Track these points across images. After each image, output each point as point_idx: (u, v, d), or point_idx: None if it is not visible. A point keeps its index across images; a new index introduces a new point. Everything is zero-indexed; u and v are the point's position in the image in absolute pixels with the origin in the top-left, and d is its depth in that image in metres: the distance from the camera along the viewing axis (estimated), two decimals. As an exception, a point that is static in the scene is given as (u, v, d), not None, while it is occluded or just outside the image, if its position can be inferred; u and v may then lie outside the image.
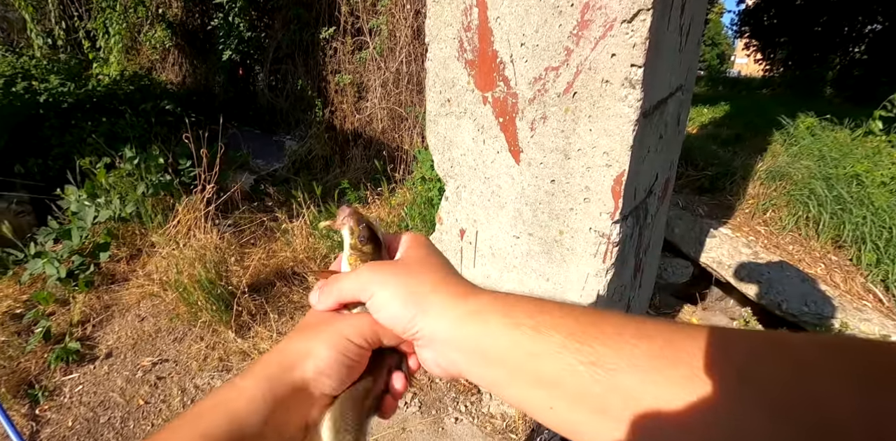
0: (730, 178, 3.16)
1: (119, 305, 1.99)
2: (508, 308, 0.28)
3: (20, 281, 2.32)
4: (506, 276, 1.32)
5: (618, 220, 1.10)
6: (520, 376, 0.26)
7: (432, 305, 0.30)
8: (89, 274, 2.18)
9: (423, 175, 2.31)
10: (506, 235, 1.27)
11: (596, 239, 1.12)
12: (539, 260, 1.23)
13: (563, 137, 1.09)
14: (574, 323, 0.25)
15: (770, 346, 0.21)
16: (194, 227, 2.12)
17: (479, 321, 0.28)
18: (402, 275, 0.32)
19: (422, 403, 1.38)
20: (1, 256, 2.48)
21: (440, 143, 1.33)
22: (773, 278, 2.23)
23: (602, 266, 1.14)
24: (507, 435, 1.33)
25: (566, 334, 0.25)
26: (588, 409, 0.24)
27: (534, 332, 0.26)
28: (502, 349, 0.26)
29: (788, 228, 2.62)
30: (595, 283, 1.16)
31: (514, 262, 1.27)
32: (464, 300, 0.30)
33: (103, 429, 1.52)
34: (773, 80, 11.51)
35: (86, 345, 1.84)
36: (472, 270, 1.38)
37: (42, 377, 1.78)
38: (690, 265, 2.44)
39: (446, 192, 1.40)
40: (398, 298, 0.31)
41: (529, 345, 0.25)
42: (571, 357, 0.24)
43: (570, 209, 1.14)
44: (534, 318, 0.26)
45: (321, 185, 2.39)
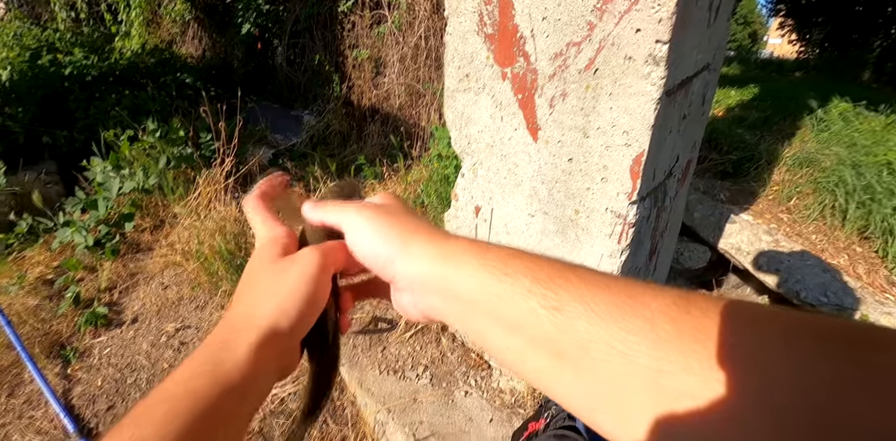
0: (754, 164, 3.08)
1: (144, 273, 2.07)
2: (483, 252, 0.28)
3: (51, 248, 2.41)
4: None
5: (635, 200, 1.09)
6: (488, 317, 0.26)
7: (412, 246, 0.30)
8: (115, 243, 2.26)
9: (440, 152, 2.30)
10: (521, 214, 1.27)
11: (612, 219, 1.12)
12: (553, 239, 1.23)
13: (583, 115, 1.08)
14: (543, 270, 0.26)
15: (731, 306, 0.21)
16: (214, 200, 2.16)
17: (454, 263, 0.28)
18: (385, 215, 0.32)
19: (433, 376, 1.42)
20: (32, 225, 2.58)
21: (457, 120, 1.32)
22: (793, 267, 2.19)
23: (617, 247, 1.14)
24: (516, 409, 1.37)
25: (533, 279, 0.25)
26: (547, 353, 0.24)
27: (503, 276, 0.26)
28: (473, 290, 0.27)
29: (813, 217, 2.56)
30: (609, 263, 1.16)
31: (529, 241, 1.28)
32: (442, 243, 0.30)
33: (130, 389, 1.61)
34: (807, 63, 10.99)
35: (113, 310, 1.93)
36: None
37: (73, 339, 1.87)
38: (708, 251, 2.41)
39: (462, 168, 1.40)
40: (380, 236, 0.31)
41: (498, 287, 0.26)
42: (535, 301, 0.24)
43: (586, 189, 1.14)
44: (505, 262, 0.27)
45: (338, 160, 2.41)
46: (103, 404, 1.61)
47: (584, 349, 0.22)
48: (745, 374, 0.18)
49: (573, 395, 0.24)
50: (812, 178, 2.71)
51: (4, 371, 1.85)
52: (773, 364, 0.18)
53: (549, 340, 0.24)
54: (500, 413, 1.35)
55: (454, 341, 1.53)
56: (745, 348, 0.19)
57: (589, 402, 0.23)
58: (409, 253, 0.30)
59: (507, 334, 0.26)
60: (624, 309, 0.22)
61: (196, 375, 0.26)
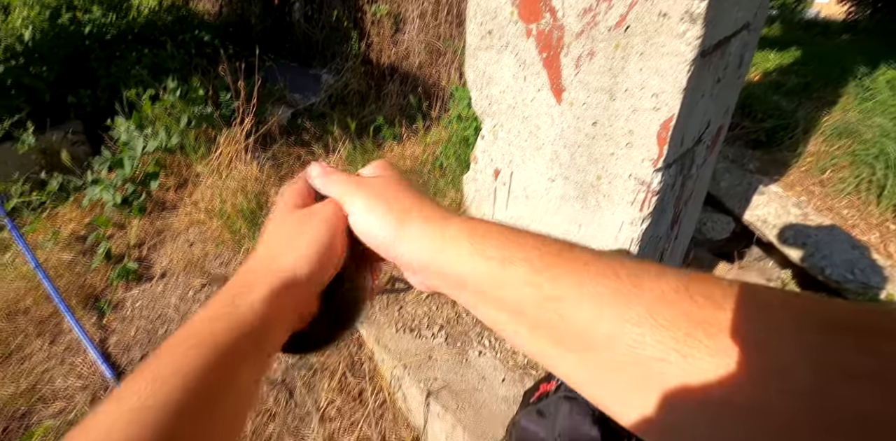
0: (789, 133, 2.94)
1: (170, 231, 2.14)
2: (480, 238, 0.28)
3: (81, 206, 2.49)
4: (538, 219, 1.32)
5: (660, 168, 1.06)
6: (490, 301, 0.27)
7: (409, 228, 0.30)
8: (142, 201, 2.32)
9: (460, 113, 2.26)
10: (541, 178, 1.25)
11: (635, 186, 1.09)
12: (573, 205, 1.22)
13: (610, 76, 1.03)
14: (544, 257, 0.25)
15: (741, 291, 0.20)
16: (235, 159, 2.19)
17: (453, 247, 0.28)
18: (381, 192, 0.32)
19: (448, 335, 1.46)
20: (62, 183, 2.66)
21: (478, 79, 1.28)
22: (820, 242, 2.14)
23: (638, 215, 1.12)
24: (528, 370, 1.41)
25: (532, 269, 0.25)
26: (548, 340, 0.24)
27: (502, 263, 0.26)
28: (474, 277, 0.27)
29: (847, 191, 2.46)
30: (629, 231, 1.15)
31: (548, 206, 1.27)
32: (440, 223, 0.30)
33: (161, 339, 1.70)
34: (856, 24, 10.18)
35: (142, 265, 2.01)
36: (505, 212, 1.39)
37: (106, 292, 1.97)
38: (732, 222, 2.36)
39: (482, 130, 1.37)
40: (377, 217, 0.31)
41: (497, 275, 0.26)
42: (535, 290, 0.24)
43: (610, 154, 1.11)
44: (505, 247, 0.27)
45: (356, 120, 2.38)
46: (137, 353, 1.71)
47: (586, 339, 0.22)
48: (756, 360, 0.18)
49: (575, 376, 0.24)
50: (850, 150, 2.58)
51: (45, 321, 1.97)
52: (784, 350, 0.17)
53: (552, 328, 0.24)
54: (513, 373, 1.39)
55: (469, 304, 1.56)
56: (756, 335, 0.18)
57: (590, 385, 0.24)
58: (407, 235, 0.30)
59: (509, 319, 0.26)
60: (629, 297, 0.22)
61: (215, 318, 0.27)
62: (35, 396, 1.66)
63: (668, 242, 1.41)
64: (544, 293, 0.24)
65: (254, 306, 0.28)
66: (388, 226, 0.31)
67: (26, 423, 1.59)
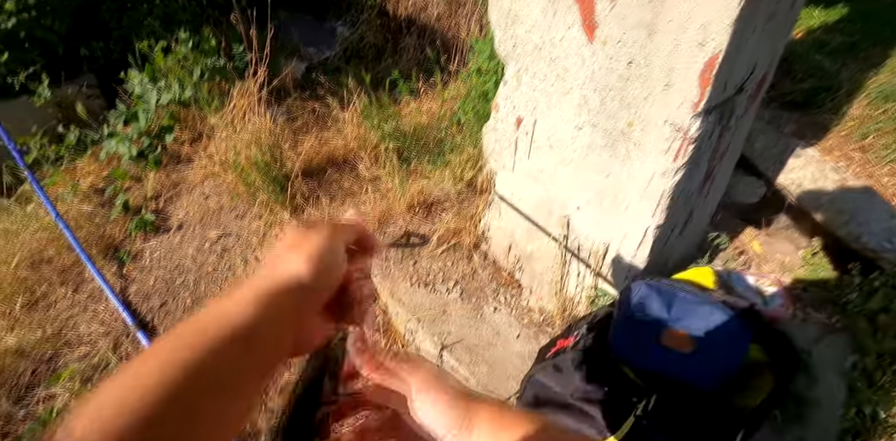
0: (831, 94, 2.76)
1: (186, 183, 2.13)
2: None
3: (99, 159, 2.50)
4: (561, 170, 1.25)
5: (700, 112, 0.98)
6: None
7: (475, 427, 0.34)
8: (157, 154, 2.31)
9: (479, 67, 2.15)
10: (567, 125, 1.18)
11: (670, 133, 1.01)
12: (601, 154, 1.14)
13: (650, 8, 0.93)
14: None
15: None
16: (249, 112, 2.14)
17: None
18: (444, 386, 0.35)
19: (463, 291, 1.44)
20: (80, 137, 2.67)
21: (503, 18, 1.18)
22: (857, 209, 2.03)
23: (671, 165, 1.05)
24: (544, 328, 1.38)
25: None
26: None
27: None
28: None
29: (890, 158, 2.32)
30: (660, 183, 1.08)
31: (573, 156, 1.20)
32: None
33: (179, 289, 1.73)
34: (914, -20, 9.38)
35: (159, 217, 2.02)
36: (527, 163, 1.32)
37: (125, 243, 1.99)
38: (763, 185, 2.25)
39: (505, 75, 1.28)
40: (445, 413, 0.34)
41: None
42: None
43: (644, 97, 1.02)
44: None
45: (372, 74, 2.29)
46: (157, 301, 1.74)
47: None
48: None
49: None
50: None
51: (68, 270, 2.01)
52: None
53: None
54: (528, 330, 1.37)
55: (485, 259, 1.53)
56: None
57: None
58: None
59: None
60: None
61: (205, 314, 0.29)
62: (61, 341, 1.71)
63: (699, 199, 1.33)
64: None
65: (240, 304, 0.29)
66: (456, 421, 0.33)
67: (53, 366, 1.65)
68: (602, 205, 1.20)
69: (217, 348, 0.27)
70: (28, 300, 1.91)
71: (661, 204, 1.09)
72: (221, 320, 0.28)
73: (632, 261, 1.20)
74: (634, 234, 1.16)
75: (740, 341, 0.96)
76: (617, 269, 1.24)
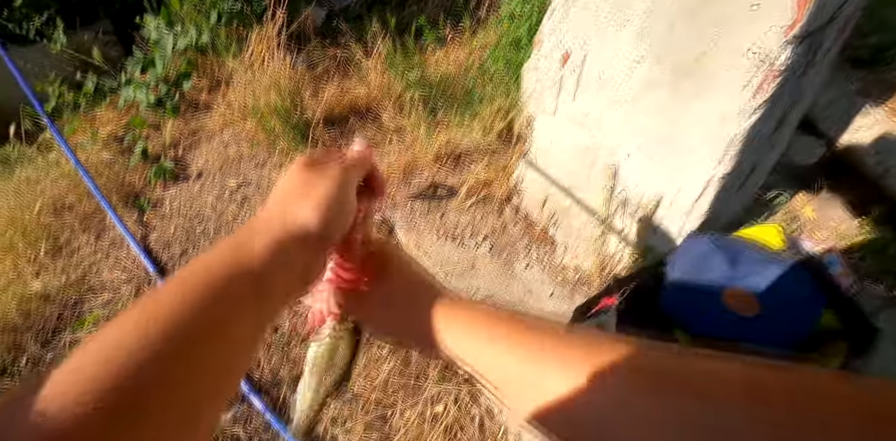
0: (901, 51, 2.48)
1: (204, 132, 2.06)
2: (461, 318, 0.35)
3: (117, 107, 2.45)
4: (610, 113, 1.11)
5: (791, 39, 0.83)
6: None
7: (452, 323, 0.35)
8: (175, 101, 2.23)
9: (513, 11, 1.96)
10: (623, 60, 1.03)
11: (753, 64, 0.87)
12: (661, 92, 1.00)
13: None
14: (496, 328, 0.34)
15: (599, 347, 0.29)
16: (268, 58, 2.03)
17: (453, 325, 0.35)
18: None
19: (493, 246, 1.35)
20: (98, 84, 2.61)
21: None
22: (926, 176, 1.84)
23: (749, 104, 0.90)
24: (579, 287, 1.29)
25: (488, 340, 0.33)
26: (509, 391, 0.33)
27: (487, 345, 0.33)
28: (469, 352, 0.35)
29: (964, 121, 2.08)
30: (733, 125, 0.93)
31: (627, 95, 1.06)
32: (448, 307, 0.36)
33: (199, 237, 1.68)
34: None
35: (179, 165, 1.96)
36: (571, 105, 1.19)
37: (145, 191, 1.95)
38: (823, 146, 2.05)
39: (551, 5, 1.13)
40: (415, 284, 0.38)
41: (486, 354, 0.34)
42: (489, 353, 0.33)
43: (725, 21, 0.87)
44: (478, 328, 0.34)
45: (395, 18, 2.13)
46: (177, 249, 1.70)
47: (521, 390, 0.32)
48: (600, 385, 0.27)
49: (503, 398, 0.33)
50: (980, 72, 2.14)
51: (90, 217, 1.99)
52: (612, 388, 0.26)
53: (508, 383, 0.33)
54: (562, 289, 1.28)
55: (517, 213, 1.43)
56: (601, 370, 0.27)
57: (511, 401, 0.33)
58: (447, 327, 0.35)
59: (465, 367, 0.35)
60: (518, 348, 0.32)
61: (214, 260, 0.27)
62: (85, 287, 1.71)
63: (766, 150, 1.18)
64: (503, 354, 0.33)
65: (254, 252, 0.28)
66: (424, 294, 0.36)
67: (78, 312, 1.65)
68: (657, 152, 1.07)
69: (225, 292, 0.26)
70: (52, 246, 1.91)
71: (730, 150, 0.95)
72: (231, 263, 0.27)
73: (686, 216, 1.08)
74: (693, 185, 1.03)
75: (813, 305, 0.86)
76: (667, 225, 1.13)
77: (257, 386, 1.31)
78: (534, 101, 1.29)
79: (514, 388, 0.32)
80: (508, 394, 0.33)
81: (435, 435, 1.22)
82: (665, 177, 1.08)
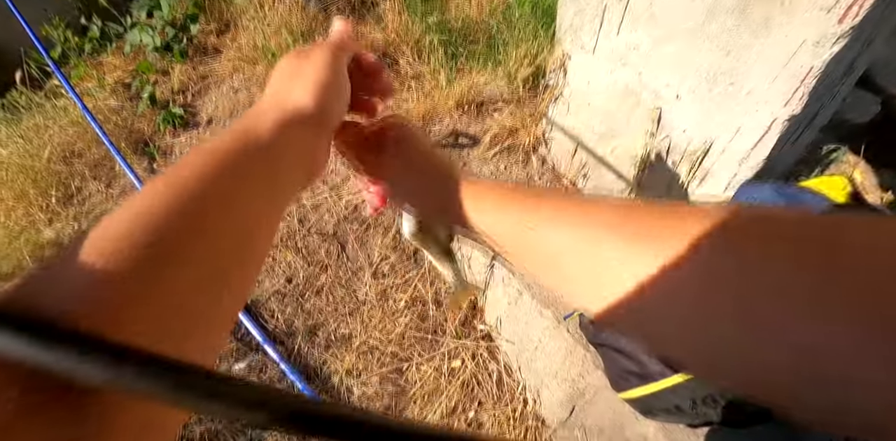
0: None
1: (214, 77, 1.96)
2: (492, 193, 0.33)
3: (124, 53, 2.36)
4: (661, 47, 0.99)
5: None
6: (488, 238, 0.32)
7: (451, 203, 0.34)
8: (183, 46, 2.13)
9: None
10: (684, -19, 0.89)
11: (842, -22, 0.73)
12: (725, 20, 0.87)
13: None
14: (532, 199, 0.31)
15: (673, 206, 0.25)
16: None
17: (480, 203, 0.33)
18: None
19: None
20: (104, 29, 2.51)
21: None
22: None
23: (835, 28, 0.77)
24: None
25: (521, 209, 0.30)
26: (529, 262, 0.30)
27: (498, 207, 0.31)
28: (495, 225, 0.32)
29: None
30: (810, 55, 0.81)
31: (683, 25, 0.93)
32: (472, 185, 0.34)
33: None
34: None
35: (188, 112, 1.88)
36: (615, 40, 1.06)
37: (155, 138, 1.88)
38: (878, 103, 1.88)
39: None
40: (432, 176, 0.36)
41: (499, 214, 0.31)
42: (519, 225, 0.29)
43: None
44: (511, 201, 0.31)
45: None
46: (188, 198, 1.66)
47: (556, 257, 0.27)
48: (692, 254, 0.21)
49: (554, 287, 0.29)
50: None
51: (100, 164, 1.94)
52: (716, 261, 0.21)
53: (536, 254, 0.29)
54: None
55: (544, 164, 1.33)
56: (695, 246, 0.21)
57: (576, 296, 0.28)
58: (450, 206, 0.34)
59: (501, 251, 0.32)
60: (590, 216, 0.26)
61: (224, 141, 0.27)
62: (97, 235, 1.68)
63: (828, 99, 1.05)
64: (526, 225, 0.29)
65: (262, 133, 0.28)
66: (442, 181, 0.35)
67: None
68: (712, 91, 0.95)
69: (240, 169, 0.25)
70: (63, 194, 1.88)
71: (804, 87, 0.83)
72: (240, 144, 0.26)
73: (739, 164, 0.97)
74: (752, 129, 0.92)
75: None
76: (716, 175, 1.03)
77: (272, 336, 1.28)
78: (570, 37, 1.16)
79: (575, 273, 0.26)
80: (565, 284, 0.28)
81: (451, 389, 1.19)
82: (720, 120, 0.96)
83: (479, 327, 1.26)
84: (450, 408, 1.17)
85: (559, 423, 1.10)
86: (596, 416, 0.98)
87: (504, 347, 1.24)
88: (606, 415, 0.95)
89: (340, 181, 1.45)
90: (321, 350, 1.26)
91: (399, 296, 1.29)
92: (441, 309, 1.28)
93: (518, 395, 1.20)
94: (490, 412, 1.17)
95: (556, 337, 1.03)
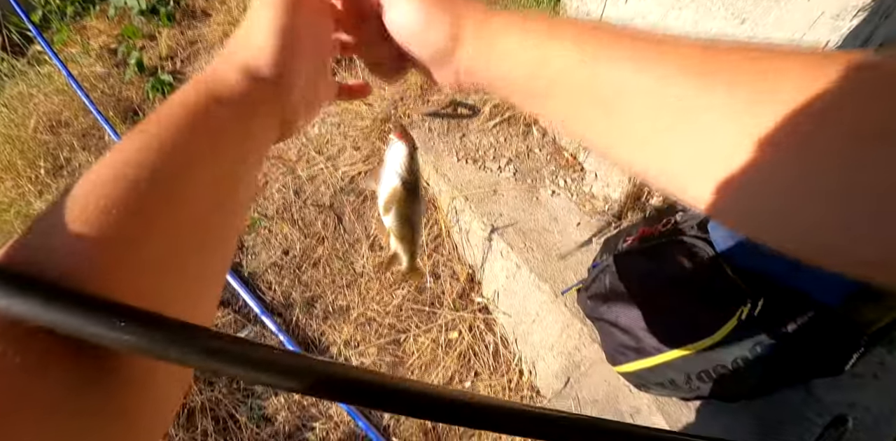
0: None
1: (204, 42, 1.89)
2: (524, 22, 0.27)
3: (109, 17, 2.25)
4: (672, 15, 0.95)
5: None
6: (534, 82, 0.27)
7: (465, 33, 0.28)
8: (170, 8, 2.03)
9: None
10: (699, -61, 0.84)
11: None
12: (741, -16, 0.83)
13: None
14: (583, 30, 0.25)
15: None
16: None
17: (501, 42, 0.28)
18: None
19: (517, 171, 1.25)
20: (86, -9, 2.39)
21: None
22: None
23: (856, 1, 0.74)
24: (609, 217, 1.20)
25: (574, 38, 0.25)
26: (595, 111, 0.25)
27: (546, 37, 0.26)
28: (518, 64, 0.27)
29: None
30: (829, 28, 0.77)
31: (697, -12, 0.88)
32: (489, 22, 0.28)
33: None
34: None
35: (177, 79, 1.82)
36: (622, 8, 1.01)
37: (144, 106, 1.83)
38: None
39: None
40: (430, 23, 0.29)
41: (540, 50, 0.26)
42: (575, 55, 0.24)
43: None
44: (546, 25, 0.27)
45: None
46: (180, 169, 1.62)
47: (618, 93, 0.23)
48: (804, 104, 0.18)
49: (610, 137, 0.25)
50: None
51: (88, 134, 1.89)
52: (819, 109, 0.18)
53: (589, 89, 0.24)
54: (590, 219, 1.19)
55: (545, 136, 1.30)
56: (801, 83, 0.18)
57: (656, 160, 0.24)
58: (465, 41, 0.28)
59: (546, 98, 0.27)
60: (663, 54, 0.22)
61: (189, 89, 0.26)
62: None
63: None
64: (583, 56, 0.24)
65: (229, 80, 0.27)
66: (442, 32, 0.28)
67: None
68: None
69: (208, 120, 0.25)
70: (52, 165, 1.84)
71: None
72: (207, 96, 0.26)
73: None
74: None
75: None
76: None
77: (269, 307, 1.28)
78: (576, 3, 1.11)
79: (635, 117, 0.23)
80: (616, 129, 0.24)
81: (448, 360, 1.21)
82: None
83: (476, 300, 1.27)
84: (447, 378, 1.19)
85: (554, 393, 1.13)
86: (590, 388, 1.00)
87: (501, 320, 1.25)
88: (601, 387, 0.96)
89: (336, 152, 1.42)
90: (319, 321, 1.27)
91: (395, 267, 1.29)
92: (439, 281, 1.28)
93: (514, 367, 1.22)
94: (486, 382, 1.19)
95: (554, 311, 1.04)
